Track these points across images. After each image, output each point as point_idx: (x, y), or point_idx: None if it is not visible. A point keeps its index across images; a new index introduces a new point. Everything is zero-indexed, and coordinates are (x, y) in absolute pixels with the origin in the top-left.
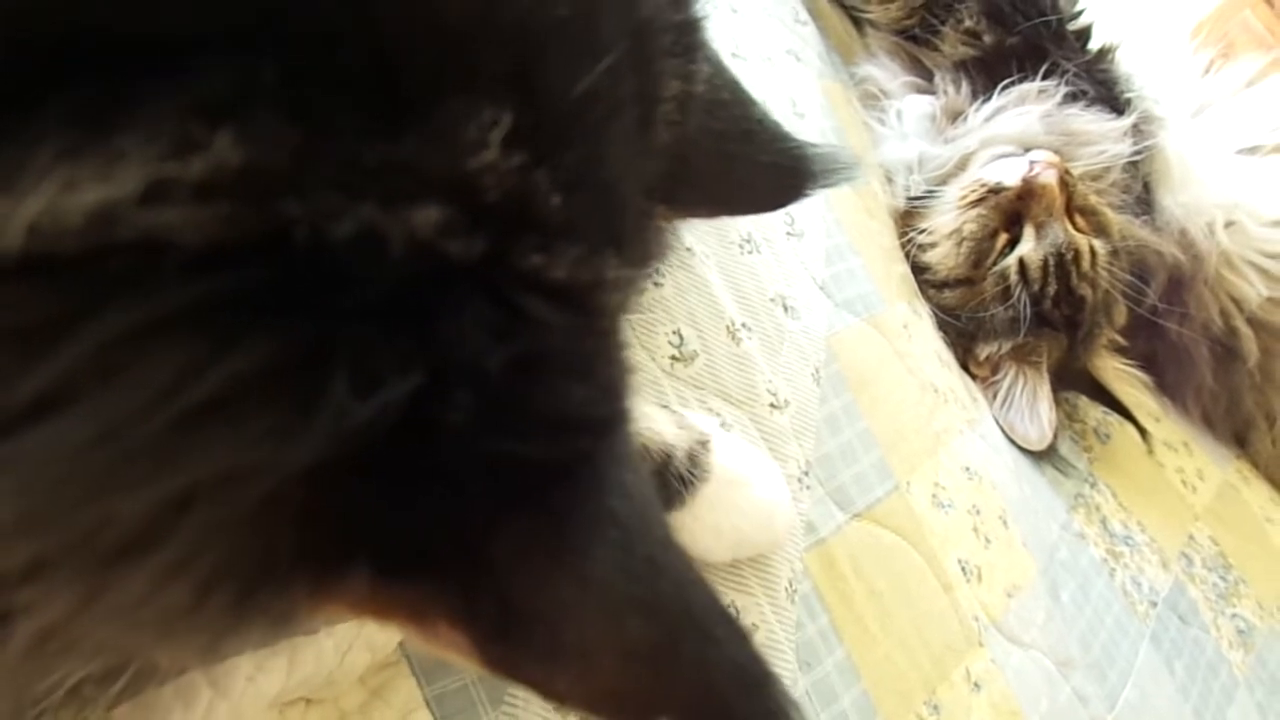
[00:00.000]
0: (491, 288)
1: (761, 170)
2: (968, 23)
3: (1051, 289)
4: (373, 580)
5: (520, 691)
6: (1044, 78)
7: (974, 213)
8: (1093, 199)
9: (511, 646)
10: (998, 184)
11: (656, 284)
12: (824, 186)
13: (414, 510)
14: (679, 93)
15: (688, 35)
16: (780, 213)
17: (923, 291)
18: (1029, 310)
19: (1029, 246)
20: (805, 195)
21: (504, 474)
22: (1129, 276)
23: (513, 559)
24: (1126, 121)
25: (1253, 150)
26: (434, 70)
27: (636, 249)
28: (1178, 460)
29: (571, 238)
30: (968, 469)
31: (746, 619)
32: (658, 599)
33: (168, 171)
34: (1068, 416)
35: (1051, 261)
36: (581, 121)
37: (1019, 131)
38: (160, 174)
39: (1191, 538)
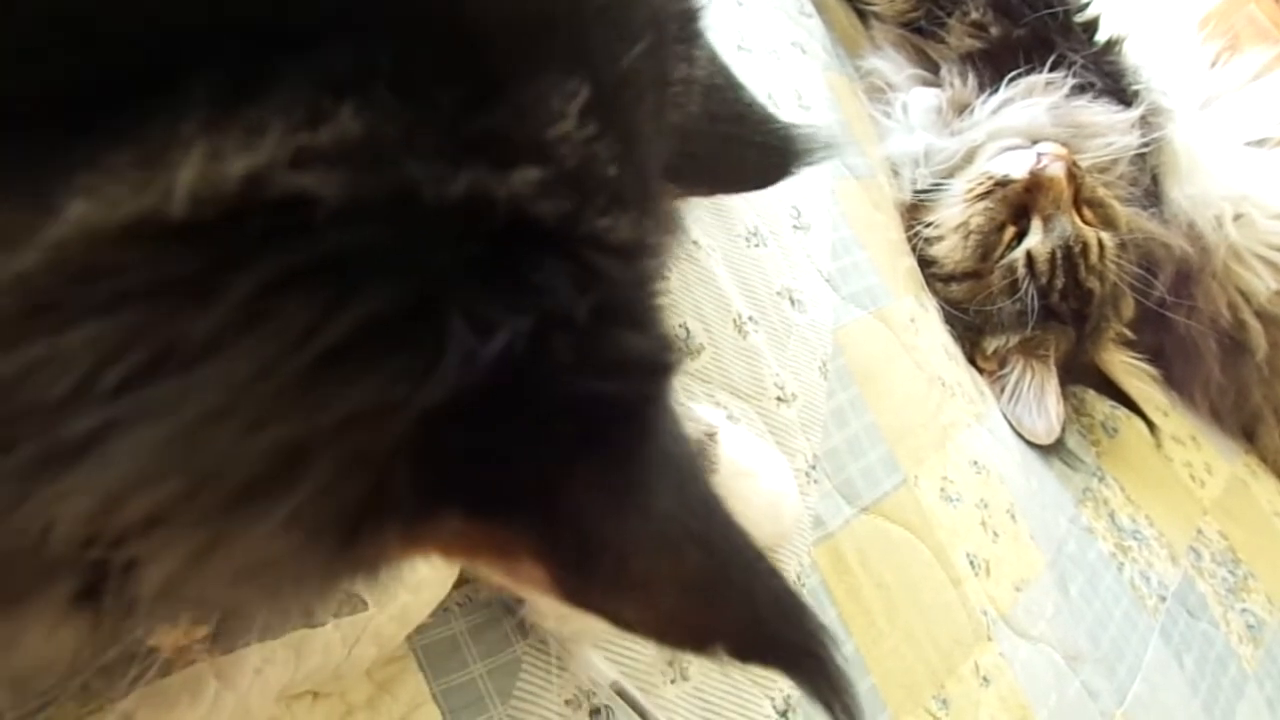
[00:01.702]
0: (568, 246)
1: (752, 150)
2: (974, 15)
3: (1059, 282)
4: (465, 520)
5: (528, 684)
6: (1051, 70)
7: (981, 205)
8: (1100, 191)
9: (585, 578)
10: (1005, 176)
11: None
12: (809, 165)
13: (508, 450)
14: (685, 76)
15: (689, 23)
16: (786, 205)
17: (929, 285)
18: (1036, 303)
19: (1036, 239)
20: (792, 174)
21: (583, 415)
22: (1137, 269)
23: (589, 494)
24: (1134, 114)
25: (1261, 143)
26: (516, 51)
27: (661, 221)
28: (1186, 454)
29: (625, 204)
30: (975, 463)
31: None
32: (710, 534)
33: (304, 140)
34: (1075, 410)
35: (1059, 254)
36: (622, 101)
37: (1026, 124)
38: (299, 142)
39: (1200, 532)
